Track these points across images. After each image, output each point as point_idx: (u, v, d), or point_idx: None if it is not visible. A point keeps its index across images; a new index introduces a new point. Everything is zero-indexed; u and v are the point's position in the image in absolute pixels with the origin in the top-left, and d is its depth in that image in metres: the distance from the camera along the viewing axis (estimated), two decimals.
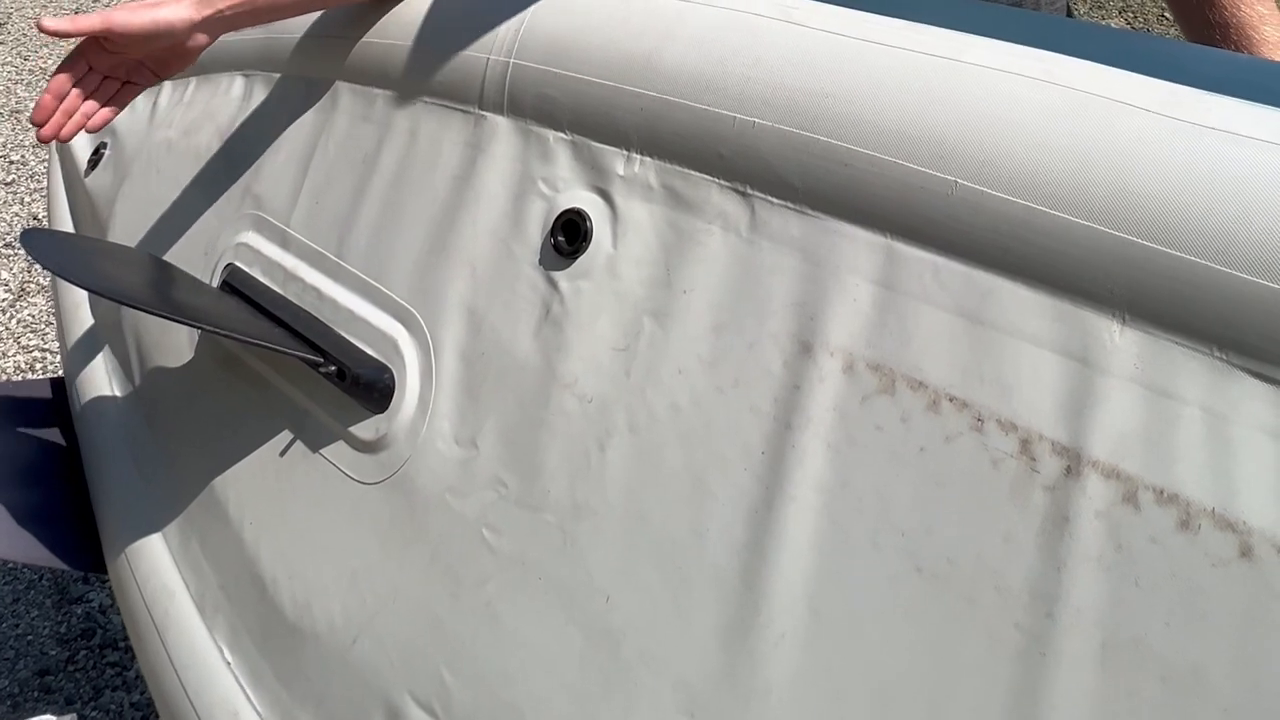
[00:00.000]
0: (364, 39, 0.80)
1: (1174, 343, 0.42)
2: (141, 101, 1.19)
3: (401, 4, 0.79)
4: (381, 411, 0.67)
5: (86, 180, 1.22)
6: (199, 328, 0.69)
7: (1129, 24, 3.77)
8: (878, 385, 0.49)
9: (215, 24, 0.73)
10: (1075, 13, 0.90)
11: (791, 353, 0.51)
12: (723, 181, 0.57)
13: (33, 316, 2.31)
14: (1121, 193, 0.44)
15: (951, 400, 0.46)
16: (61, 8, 3.70)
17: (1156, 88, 0.46)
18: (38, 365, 2.20)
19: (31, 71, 3.28)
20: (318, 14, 0.86)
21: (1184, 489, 0.40)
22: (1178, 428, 0.41)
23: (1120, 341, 0.43)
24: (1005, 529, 0.44)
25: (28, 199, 2.71)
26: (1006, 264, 0.47)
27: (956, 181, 0.48)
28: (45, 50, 3.41)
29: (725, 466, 0.51)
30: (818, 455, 0.49)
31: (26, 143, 2.91)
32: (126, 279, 0.78)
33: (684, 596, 0.51)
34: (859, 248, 0.51)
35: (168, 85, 1.13)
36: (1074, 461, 0.43)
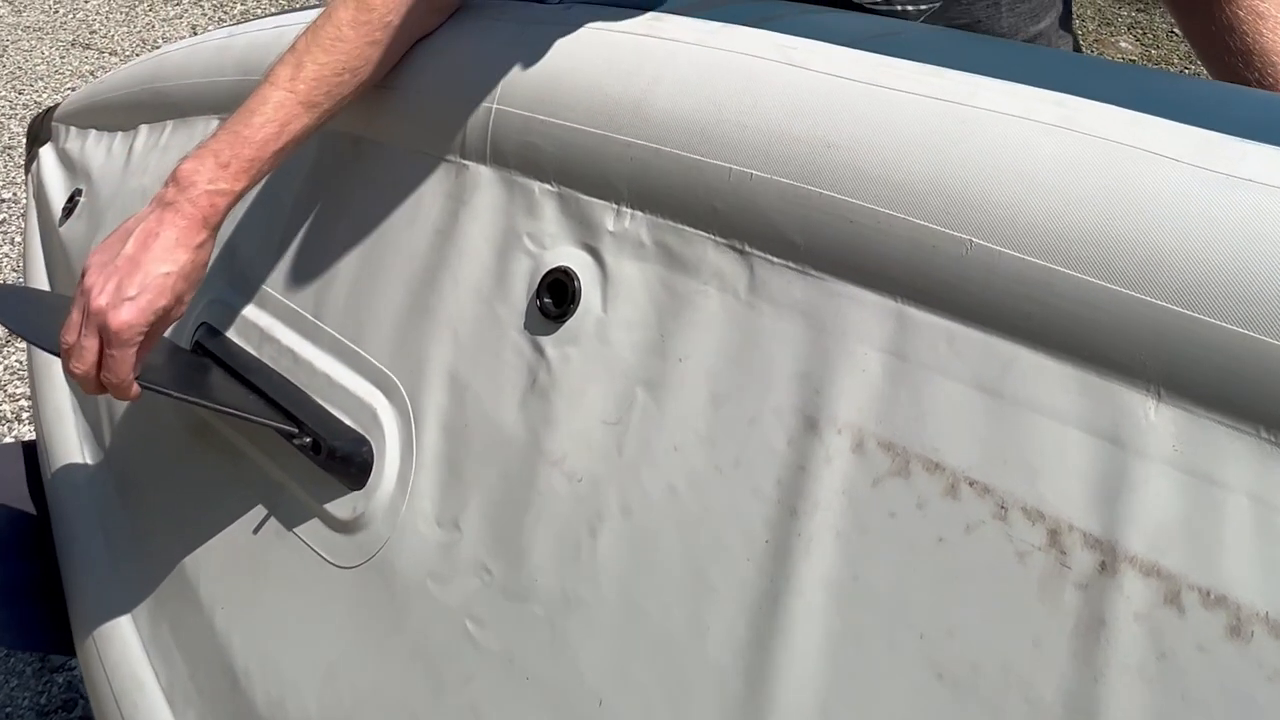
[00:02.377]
0: None
1: (1216, 421, 0.40)
2: (117, 146, 1.19)
3: None
4: (359, 488, 0.66)
5: (61, 230, 1.23)
6: (165, 395, 0.68)
7: (1138, 40, 3.76)
8: (890, 466, 0.47)
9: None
10: (1080, 41, 0.88)
11: (796, 429, 0.50)
12: (719, 238, 0.55)
13: (20, 363, 2.33)
14: (1150, 252, 0.42)
15: (971, 484, 0.45)
16: (58, 39, 3.77)
17: (1185, 134, 0.44)
18: (25, 414, 2.22)
19: (26, 106, 3.33)
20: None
21: (1233, 590, 0.38)
22: (1223, 519, 0.39)
23: (1156, 419, 0.41)
24: (1034, 632, 0.41)
25: (18, 239, 2.74)
26: (1028, 331, 0.45)
27: (971, 240, 0.47)
28: (40, 84, 3.47)
29: (726, 556, 0.50)
30: (826, 545, 0.47)
31: (19, 180, 2.94)
32: None
33: (683, 701, 0.49)
34: (867, 312, 0.49)
35: (144, 129, 1.14)
36: (1109, 556, 0.41)
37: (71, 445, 1.02)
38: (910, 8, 0.74)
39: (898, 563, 0.45)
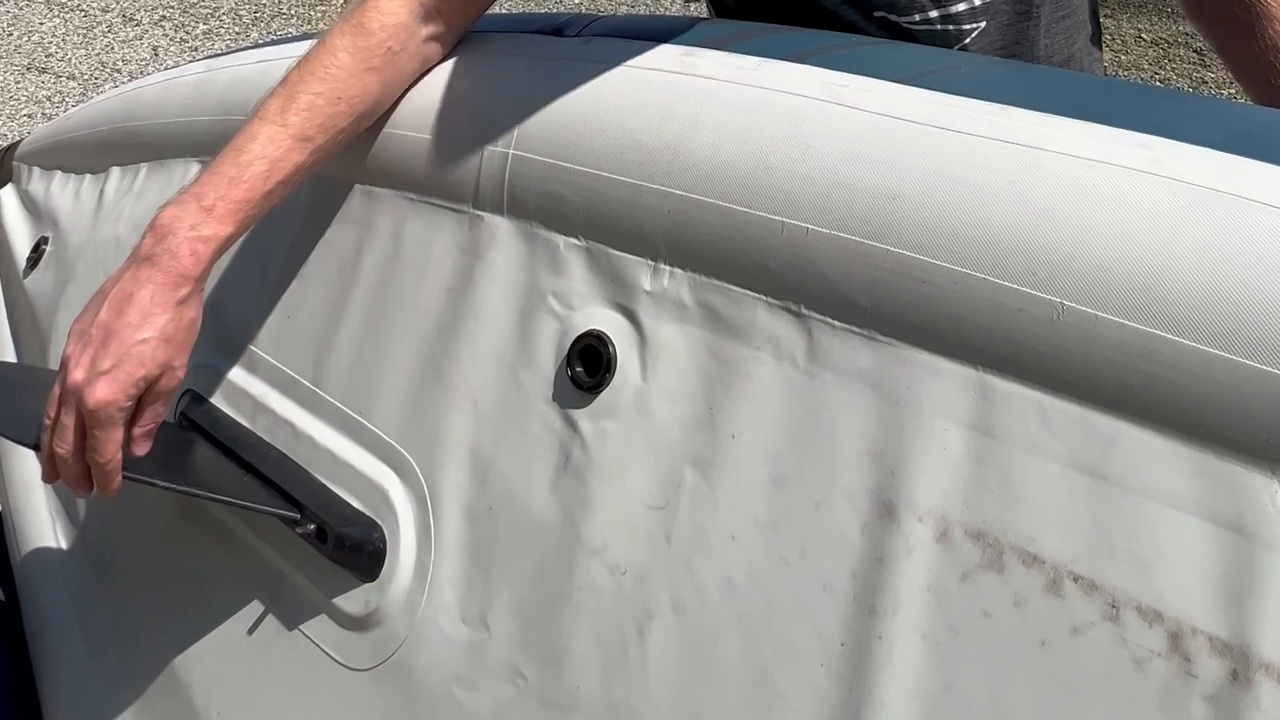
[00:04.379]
0: None
1: None
2: (86, 190, 1.18)
3: None
4: (371, 580, 0.64)
5: (26, 282, 1.22)
6: (149, 484, 0.66)
7: (1106, 45, 3.79)
8: (981, 559, 0.45)
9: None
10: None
11: (871, 515, 0.48)
12: (772, 299, 0.54)
13: None
14: (1266, 315, 0.41)
15: (1076, 580, 0.43)
16: (12, 63, 3.78)
17: None
18: None
19: None
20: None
21: None
22: None
23: None
24: None
25: None
26: (1131, 405, 0.44)
27: (1062, 303, 0.45)
28: (4, 109, 3.47)
29: (797, 661, 0.48)
30: (912, 649, 0.45)
31: None
32: None
33: None
34: (945, 383, 0.48)
35: (115, 172, 1.13)
36: (1240, 663, 0.39)
37: (42, 522, 1.00)
38: (952, 27, 0.73)
39: (995, 669, 0.44)
